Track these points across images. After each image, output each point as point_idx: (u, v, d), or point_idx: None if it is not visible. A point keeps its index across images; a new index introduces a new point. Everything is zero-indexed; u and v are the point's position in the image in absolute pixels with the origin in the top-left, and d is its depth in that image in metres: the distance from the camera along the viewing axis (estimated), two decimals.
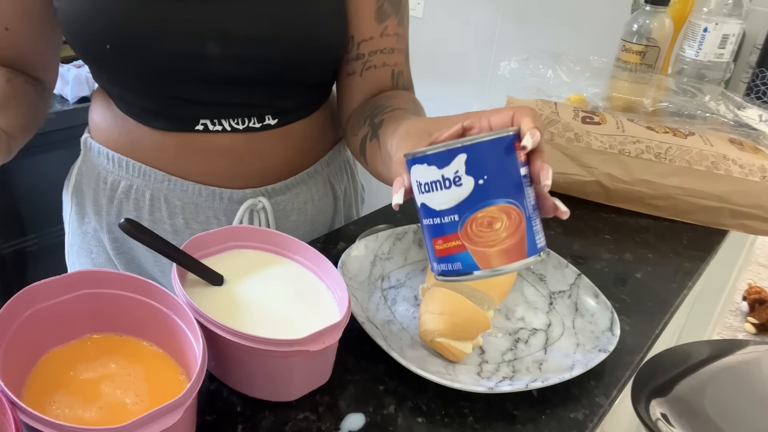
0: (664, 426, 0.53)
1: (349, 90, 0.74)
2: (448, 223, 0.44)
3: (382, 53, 0.73)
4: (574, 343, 0.61)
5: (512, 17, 1.61)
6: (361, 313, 0.59)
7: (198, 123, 0.69)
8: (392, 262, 0.70)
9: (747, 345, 0.67)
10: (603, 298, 0.64)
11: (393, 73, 0.74)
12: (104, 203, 0.76)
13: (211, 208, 0.74)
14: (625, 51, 1.13)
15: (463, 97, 1.73)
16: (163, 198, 0.73)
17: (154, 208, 0.74)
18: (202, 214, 0.74)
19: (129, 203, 0.74)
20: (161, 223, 0.74)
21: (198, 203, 0.73)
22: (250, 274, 0.57)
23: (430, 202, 0.45)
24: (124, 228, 0.51)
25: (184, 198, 0.73)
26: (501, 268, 0.44)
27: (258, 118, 0.70)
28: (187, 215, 0.74)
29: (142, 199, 0.73)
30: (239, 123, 0.70)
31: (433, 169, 0.44)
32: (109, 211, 0.76)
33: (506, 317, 0.65)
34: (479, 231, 0.44)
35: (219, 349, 0.50)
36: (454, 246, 0.44)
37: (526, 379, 0.55)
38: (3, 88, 0.66)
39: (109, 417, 0.44)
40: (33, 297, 0.46)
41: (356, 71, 0.73)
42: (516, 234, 0.44)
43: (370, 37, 0.71)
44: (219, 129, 0.69)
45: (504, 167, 0.44)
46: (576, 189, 0.89)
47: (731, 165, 0.86)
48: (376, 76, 0.73)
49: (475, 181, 0.43)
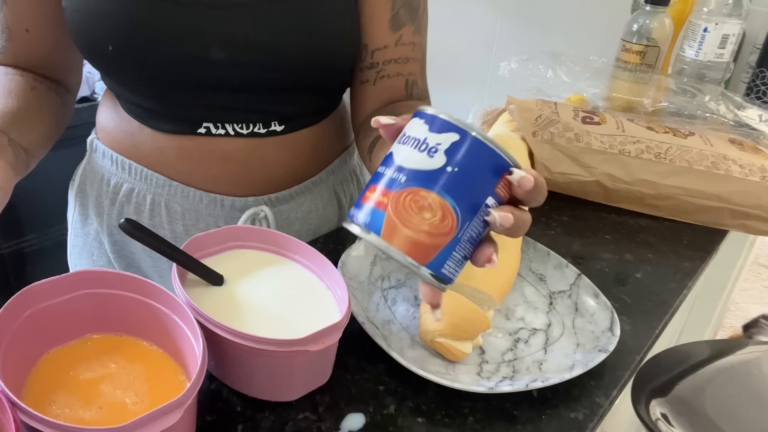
0: (664, 426, 0.53)
1: (361, 98, 0.73)
2: (393, 179, 0.42)
3: (397, 63, 0.72)
4: (574, 343, 0.61)
5: (512, 17, 1.61)
6: (361, 313, 0.59)
7: (201, 126, 0.68)
8: (392, 262, 0.70)
9: (747, 345, 0.67)
10: (603, 298, 0.64)
11: (407, 83, 0.73)
12: (106, 205, 0.75)
13: (212, 216, 0.73)
14: (625, 51, 1.13)
15: (463, 97, 1.73)
16: (164, 203, 0.72)
17: (154, 213, 0.73)
18: (202, 221, 0.73)
19: (130, 207, 0.74)
20: (160, 228, 0.74)
21: (199, 210, 0.73)
22: (250, 274, 0.57)
23: (398, 152, 0.43)
24: (123, 228, 0.51)
25: (185, 204, 0.72)
26: (394, 252, 0.41)
27: (263, 123, 0.69)
28: (187, 222, 0.73)
29: (143, 204, 0.73)
30: (243, 128, 0.69)
31: (424, 129, 0.42)
32: (110, 214, 0.75)
33: (506, 317, 0.65)
34: (409, 205, 0.41)
35: (219, 349, 0.50)
36: (379, 201, 0.42)
37: (526, 379, 0.55)
38: (28, 98, 0.66)
39: (109, 417, 0.44)
40: (33, 297, 0.46)
41: (369, 80, 0.72)
42: (434, 237, 0.41)
43: (384, 45, 0.70)
44: (222, 133, 0.68)
45: (478, 179, 0.42)
46: (576, 189, 0.89)
47: (731, 165, 0.86)
48: (389, 85, 0.72)
49: (445, 164, 0.41)
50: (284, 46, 0.64)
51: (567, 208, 0.88)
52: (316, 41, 0.65)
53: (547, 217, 0.85)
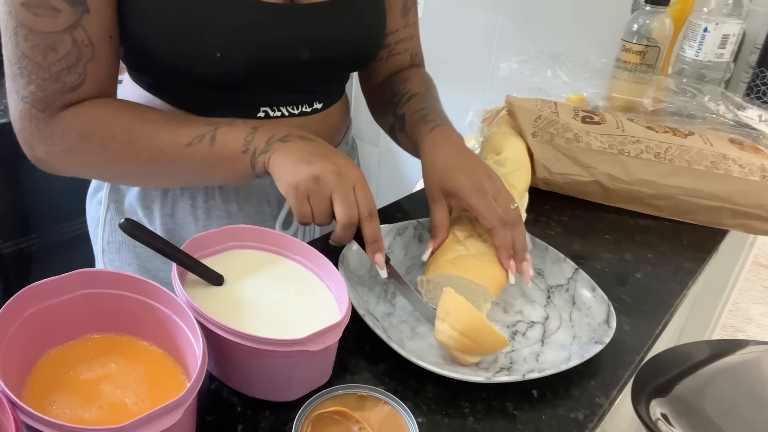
0: (664, 426, 0.53)
1: (374, 71, 0.85)
2: None
3: (404, 42, 0.84)
4: (570, 335, 0.62)
5: (512, 17, 1.61)
6: (362, 306, 0.60)
7: (259, 111, 0.71)
8: (392, 257, 0.71)
9: (747, 345, 0.67)
10: (600, 291, 0.65)
11: (411, 56, 0.86)
12: (156, 196, 0.76)
13: (262, 192, 0.76)
14: (625, 51, 1.13)
15: (463, 98, 1.73)
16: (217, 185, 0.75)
17: (208, 195, 0.75)
18: (254, 197, 0.76)
19: (183, 193, 0.75)
20: (215, 209, 0.76)
21: (250, 188, 0.76)
22: (250, 274, 0.57)
23: None
24: (123, 228, 0.51)
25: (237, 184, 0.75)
26: None
27: (308, 104, 0.75)
28: (240, 200, 0.76)
29: (195, 188, 0.75)
30: (295, 108, 0.73)
31: None
32: (163, 203, 0.76)
33: (504, 310, 0.65)
34: None
35: (219, 349, 0.50)
36: None
37: (523, 370, 0.56)
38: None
39: (109, 417, 0.44)
40: (33, 297, 0.46)
41: (382, 58, 0.83)
42: None
43: (396, 29, 0.81)
44: (278, 115, 0.72)
45: None
46: (576, 189, 0.89)
47: (731, 165, 0.86)
48: (397, 60, 0.84)
49: None
50: (352, 41, 0.72)
51: (567, 208, 0.88)
52: (370, 35, 0.74)
53: (547, 217, 0.85)
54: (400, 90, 0.80)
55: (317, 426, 0.45)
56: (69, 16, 0.58)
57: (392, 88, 0.82)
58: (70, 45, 0.59)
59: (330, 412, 0.46)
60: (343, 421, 0.46)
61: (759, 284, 2.21)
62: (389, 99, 0.81)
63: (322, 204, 0.59)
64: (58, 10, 0.57)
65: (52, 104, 0.61)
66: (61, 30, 0.58)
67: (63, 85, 0.60)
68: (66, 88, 0.61)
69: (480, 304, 0.62)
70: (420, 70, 0.87)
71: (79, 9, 0.58)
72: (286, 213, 0.78)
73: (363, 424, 0.45)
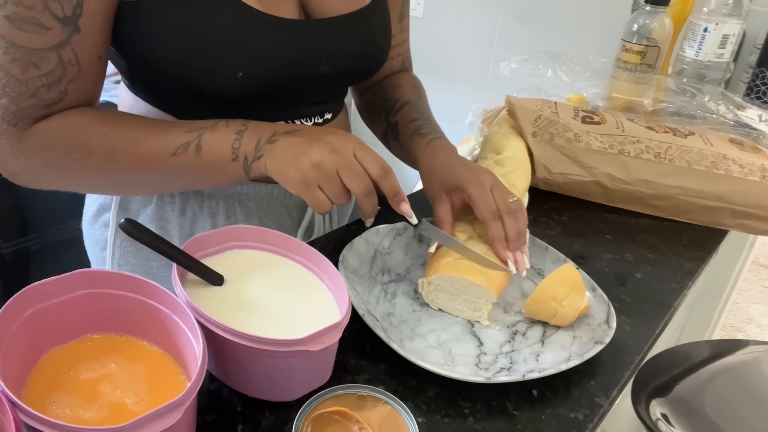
0: (664, 426, 0.53)
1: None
2: None
3: (398, 47, 0.84)
4: (570, 335, 0.62)
5: (512, 17, 1.61)
6: (362, 306, 0.60)
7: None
8: (392, 257, 0.71)
9: (747, 345, 0.67)
10: (600, 291, 0.65)
11: (403, 60, 0.86)
12: (173, 216, 0.74)
13: (282, 205, 0.77)
14: (625, 51, 1.13)
15: (463, 98, 1.73)
16: (237, 202, 0.74)
17: (229, 212, 0.74)
18: (275, 211, 0.77)
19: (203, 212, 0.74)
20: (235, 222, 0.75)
21: (270, 201, 0.76)
22: (250, 274, 0.57)
23: None
24: (123, 228, 0.51)
25: (257, 199, 0.75)
26: None
27: (320, 114, 0.75)
28: (261, 214, 0.76)
29: (215, 207, 0.74)
30: (308, 120, 0.74)
31: None
32: (181, 224, 0.74)
33: (504, 310, 0.65)
34: None
35: (219, 349, 0.50)
36: None
37: (523, 370, 0.56)
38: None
39: (109, 417, 0.44)
40: (33, 297, 0.46)
41: None
42: None
43: (393, 35, 0.80)
44: None
45: None
46: (576, 189, 0.89)
47: (731, 165, 0.86)
48: (391, 65, 0.84)
49: None
50: (364, 53, 0.72)
51: (567, 208, 0.88)
52: (380, 47, 0.75)
53: (547, 217, 0.85)
54: (392, 96, 0.81)
55: (317, 426, 0.45)
56: (58, 35, 0.55)
57: (384, 94, 0.82)
58: (55, 63, 0.56)
59: (330, 412, 0.46)
60: (343, 421, 0.46)
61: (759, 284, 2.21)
62: (381, 105, 0.81)
63: (334, 185, 0.58)
64: (47, 27, 0.54)
65: (24, 118, 0.58)
66: (47, 48, 0.55)
67: (39, 101, 0.57)
68: (41, 104, 0.58)
69: (481, 305, 0.62)
70: (410, 74, 0.88)
71: (69, 28, 0.55)
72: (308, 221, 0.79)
73: (363, 424, 0.45)
